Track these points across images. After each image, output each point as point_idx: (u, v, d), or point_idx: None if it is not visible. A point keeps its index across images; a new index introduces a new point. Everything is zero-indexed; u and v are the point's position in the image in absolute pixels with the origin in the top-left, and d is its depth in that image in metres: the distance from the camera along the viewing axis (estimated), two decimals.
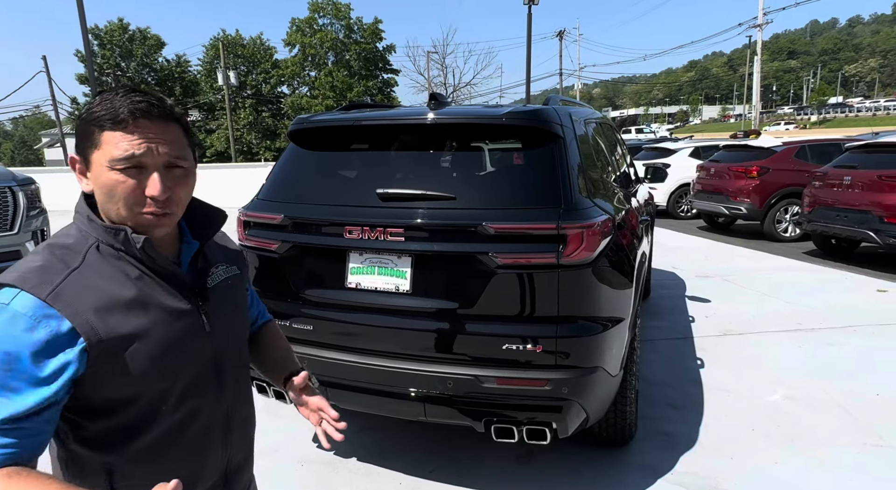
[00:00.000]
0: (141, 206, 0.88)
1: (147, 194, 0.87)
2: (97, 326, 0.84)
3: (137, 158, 0.86)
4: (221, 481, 1.06)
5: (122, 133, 0.85)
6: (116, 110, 0.85)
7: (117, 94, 0.87)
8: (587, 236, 2.13)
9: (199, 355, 0.98)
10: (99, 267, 0.88)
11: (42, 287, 0.82)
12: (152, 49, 38.28)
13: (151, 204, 0.88)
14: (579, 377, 2.14)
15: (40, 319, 0.80)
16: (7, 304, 0.80)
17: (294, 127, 2.64)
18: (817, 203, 7.17)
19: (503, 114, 2.30)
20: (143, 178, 0.87)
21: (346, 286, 2.35)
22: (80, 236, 0.90)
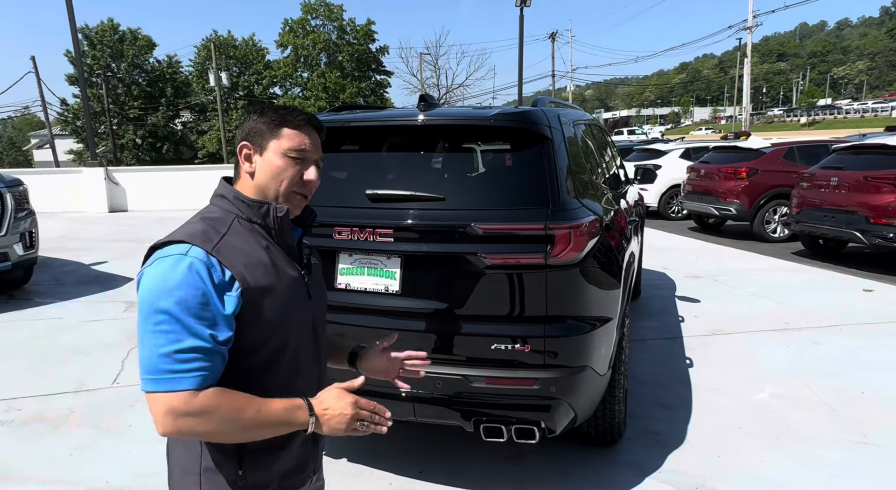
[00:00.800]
0: (298, 186, 1.16)
1: (305, 179, 1.16)
2: (247, 277, 1.05)
3: (305, 152, 1.15)
4: (312, 442, 1.24)
5: (298, 132, 1.14)
6: (295, 116, 1.15)
7: (290, 107, 1.17)
8: (575, 237, 2.15)
9: (306, 318, 1.19)
10: (240, 234, 1.10)
11: (207, 244, 1.04)
12: (143, 50, 38.01)
13: (305, 186, 1.17)
14: (567, 376, 2.16)
15: (213, 266, 1.02)
16: (185, 254, 1.01)
17: None
18: (805, 204, 7.25)
19: (492, 115, 2.32)
20: (304, 167, 1.16)
21: (335, 287, 2.35)
22: (223, 212, 1.14)
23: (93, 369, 3.94)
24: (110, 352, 4.26)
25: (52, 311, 5.37)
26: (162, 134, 37.61)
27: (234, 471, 1.10)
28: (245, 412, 1.00)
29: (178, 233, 1.07)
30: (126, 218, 12.11)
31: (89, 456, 2.86)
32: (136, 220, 11.62)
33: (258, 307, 1.06)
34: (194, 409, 0.97)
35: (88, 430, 3.13)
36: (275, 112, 1.15)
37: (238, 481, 1.10)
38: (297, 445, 1.17)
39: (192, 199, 12.93)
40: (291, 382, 1.14)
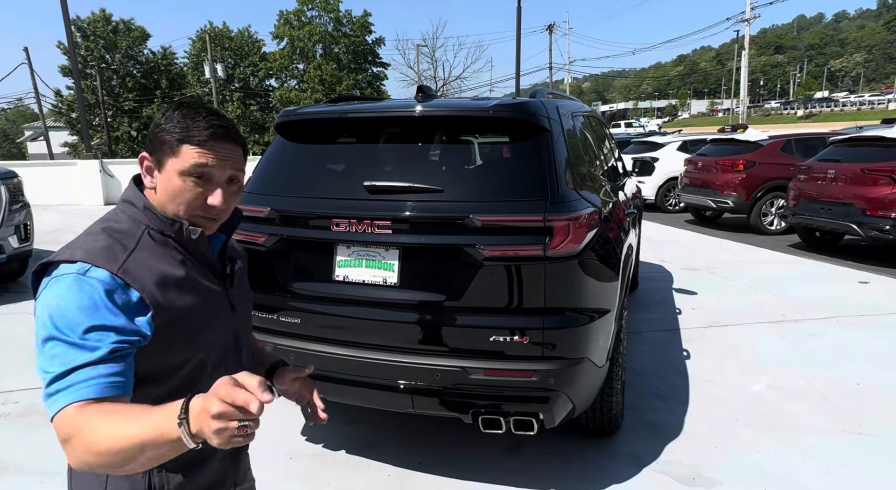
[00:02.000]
0: (200, 210, 1.03)
1: (209, 203, 1.02)
2: (159, 298, 0.96)
3: (208, 172, 1.00)
4: (231, 458, 1.17)
5: (199, 150, 0.99)
6: (199, 130, 0.99)
7: (199, 113, 1.00)
8: (573, 229, 2.14)
9: (227, 331, 1.12)
10: (151, 250, 1.00)
11: (111, 263, 0.93)
12: (137, 41, 37.66)
13: (209, 210, 1.03)
14: (566, 368, 2.16)
15: (116, 288, 0.91)
16: (84, 274, 0.91)
17: (280, 119, 2.62)
18: (802, 196, 7.26)
19: (490, 106, 2.30)
20: (208, 188, 1.02)
21: (333, 279, 2.34)
22: (131, 223, 1.02)
23: None
24: None
25: None
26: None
27: None
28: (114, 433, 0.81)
29: (77, 250, 0.94)
30: None
31: None
32: None
33: (173, 330, 0.97)
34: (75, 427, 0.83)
35: None
36: (179, 122, 0.99)
37: None
38: (216, 461, 1.10)
39: None
40: None
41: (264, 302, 2.48)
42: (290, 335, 2.44)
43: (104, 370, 0.87)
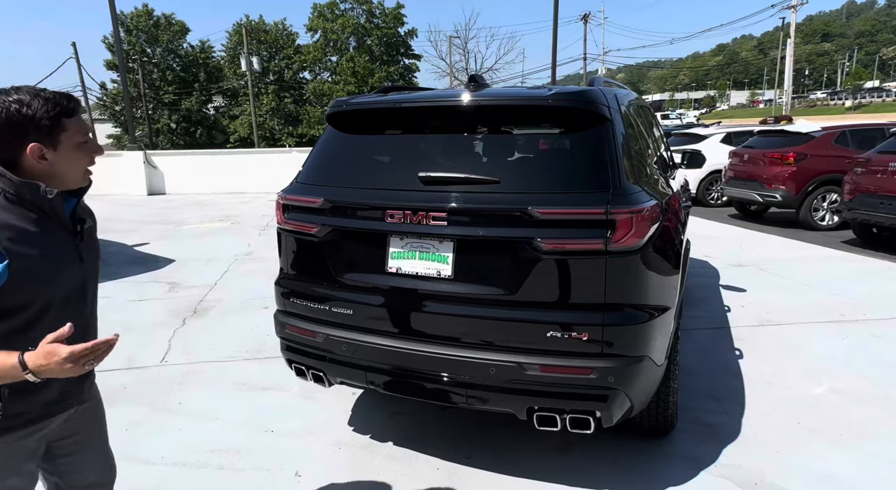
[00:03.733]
0: (89, 166, 1.38)
1: (95, 160, 1.38)
2: (13, 250, 1.20)
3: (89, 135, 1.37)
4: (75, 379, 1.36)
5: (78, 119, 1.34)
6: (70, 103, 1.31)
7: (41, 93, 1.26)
8: (636, 222, 2.06)
9: (74, 278, 1.36)
10: (5, 209, 1.22)
11: None
12: (177, 35, 38.58)
13: (93, 164, 1.38)
14: (625, 366, 2.09)
15: None
16: None
17: (332, 110, 2.60)
18: (859, 190, 6.92)
19: (549, 95, 2.23)
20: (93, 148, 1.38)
21: (386, 271, 2.32)
22: None
23: (142, 347, 4.03)
24: (156, 331, 4.36)
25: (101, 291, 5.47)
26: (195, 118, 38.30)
27: None
28: None
29: None
30: (164, 201, 12.39)
31: (143, 431, 2.94)
32: (174, 203, 11.87)
33: (25, 276, 1.22)
34: None
35: (141, 406, 3.21)
36: (43, 105, 1.23)
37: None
38: (59, 382, 1.34)
39: (226, 182, 13.16)
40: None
41: (316, 292, 2.48)
42: (341, 326, 2.43)
43: None
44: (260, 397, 3.32)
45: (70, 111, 1.27)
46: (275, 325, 2.70)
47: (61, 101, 1.26)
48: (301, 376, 2.66)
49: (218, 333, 4.33)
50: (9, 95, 1.21)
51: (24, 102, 1.20)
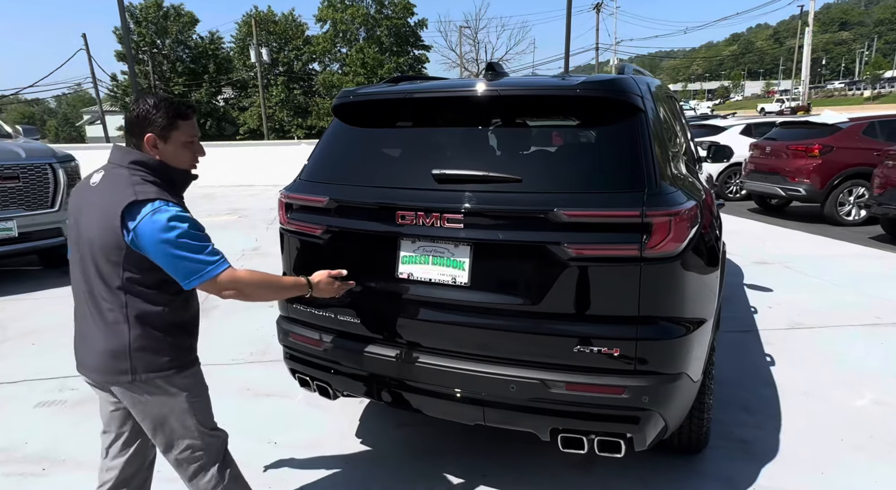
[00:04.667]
0: (194, 161, 1.76)
1: (199, 157, 1.77)
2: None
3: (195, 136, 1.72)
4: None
5: (189, 123, 1.69)
6: (184, 110, 1.67)
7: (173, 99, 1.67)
8: (675, 225, 1.85)
9: None
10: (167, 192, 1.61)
11: (169, 197, 1.57)
12: (186, 26, 38.44)
13: (196, 161, 1.77)
14: (661, 385, 1.88)
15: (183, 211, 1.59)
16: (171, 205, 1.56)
17: (338, 101, 2.41)
18: (890, 184, 6.61)
19: (577, 84, 2.01)
20: (195, 147, 1.74)
21: (396, 276, 2.13)
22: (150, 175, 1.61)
23: None
24: None
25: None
26: (205, 110, 38.21)
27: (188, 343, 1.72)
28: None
29: (149, 193, 1.54)
30: None
31: None
32: None
33: None
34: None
35: None
36: (169, 107, 1.61)
37: (191, 348, 1.74)
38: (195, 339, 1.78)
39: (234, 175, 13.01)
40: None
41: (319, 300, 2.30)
42: (348, 335, 2.25)
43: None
44: (264, 405, 3.16)
45: (184, 115, 1.63)
46: (277, 331, 2.53)
47: (180, 107, 1.62)
48: (305, 387, 2.49)
49: (221, 334, 4.18)
50: (148, 98, 1.60)
51: (152, 104, 1.59)
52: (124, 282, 1.55)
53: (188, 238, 1.52)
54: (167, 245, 1.49)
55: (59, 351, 3.89)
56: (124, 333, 1.57)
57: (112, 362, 1.59)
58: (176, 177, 1.66)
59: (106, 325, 1.59)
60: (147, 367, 1.59)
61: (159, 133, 1.59)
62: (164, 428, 1.67)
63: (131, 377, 1.59)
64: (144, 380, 1.60)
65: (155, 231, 1.48)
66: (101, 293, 1.57)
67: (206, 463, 1.74)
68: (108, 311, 1.58)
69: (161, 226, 1.49)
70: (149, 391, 1.62)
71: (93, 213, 1.56)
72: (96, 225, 1.54)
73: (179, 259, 1.51)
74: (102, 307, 1.58)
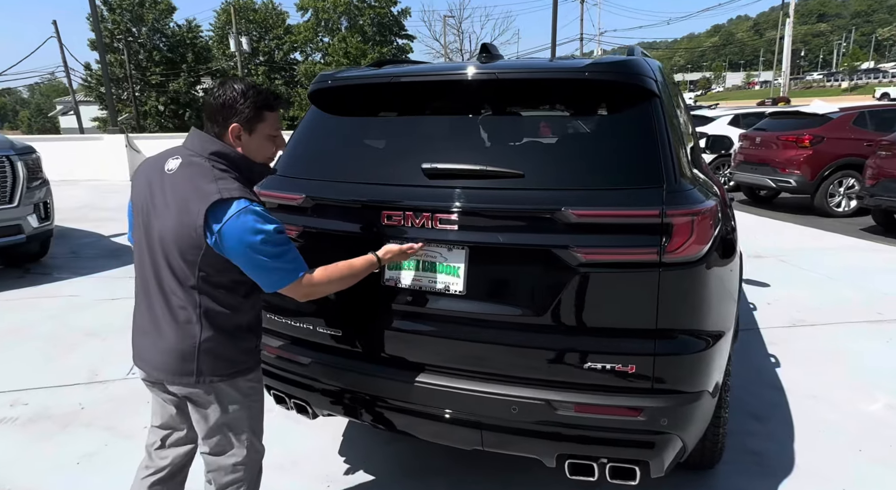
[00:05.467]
0: (273, 155, 1.66)
1: (278, 151, 1.70)
2: None
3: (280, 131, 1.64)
4: None
5: (276, 115, 1.58)
6: (274, 101, 1.56)
7: (261, 87, 1.55)
8: (697, 226, 1.64)
9: None
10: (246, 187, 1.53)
11: (254, 197, 1.49)
12: (163, 14, 37.28)
13: (275, 154, 1.68)
14: (682, 405, 1.68)
15: (268, 212, 1.49)
16: (256, 205, 1.46)
17: (315, 86, 2.14)
18: (882, 175, 6.52)
19: (584, 66, 1.78)
20: (277, 141, 1.64)
21: (381, 283, 1.89)
22: (230, 169, 1.51)
23: (107, 357, 3.60)
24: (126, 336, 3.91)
25: (69, 288, 5.08)
26: (184, 101, 37.24)
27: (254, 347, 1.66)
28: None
29: (233, 191, 1.43)
30: None
31: (99, 464, 2.52)
32: None
33: None
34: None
35: (100, 431, 2.79)
36: (258, 96, 1.50)
37: (256, 353, 1.66)
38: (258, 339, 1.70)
39: None
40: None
41: (298, 308, 2.05)
42: (327, 349, 2.02)
43: None
44: None
45: (271, 107, 1.53)
46: None
47: (268, 98, 1.51)
48: (281, 404, 2.25)
49: None
50: (234, 84, 1.49)
51: (240, 92, 1.48)
52: (199, 281, 1.47)
53: (273, 243, 1.43)
54: (252, 250, 1.41)
55: (11, 362, 3.58)
56: (195, 334, 1.49)
57: (178, 363, 1.51)
58: (255, 171, 1.57)
59: (177, 323, 1.49)
60: (213, 370, 1.52)
61: (245, 124, 1.49)
62: (219, 433, 1.60)
63: (196, 379, 1.51)
64: (208, 382, 1.52)
65: (241, 234, 1.40)
66: (174, 289, 1.49)
67: (243, 481, 1.65)
68: (180, 309, 1.49)
69: (248, 228, 1.40)
70: (211, 394, 1.55)
71: (169, 204, 1.46)
72: (173, 219, 1.44)
73: (264, 263, 1.44)
74: (174, 304, 1.49)
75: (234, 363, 1.56)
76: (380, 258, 1.69)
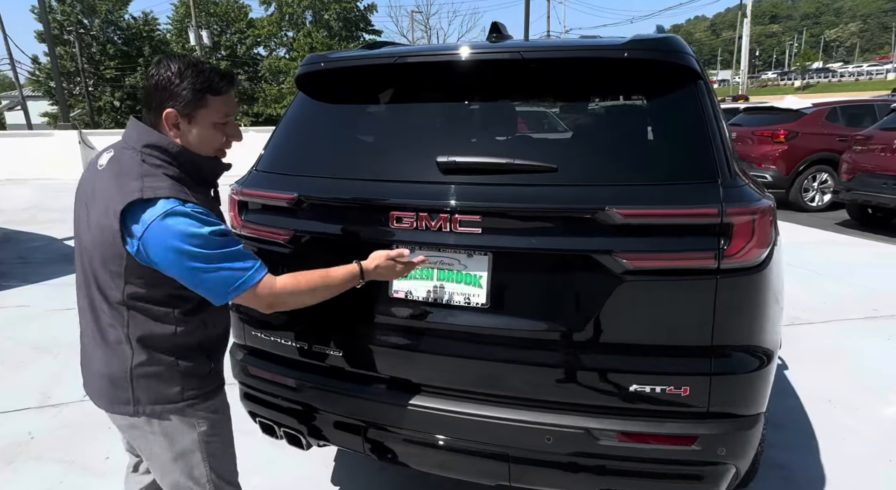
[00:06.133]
0: (225, 146, 1.37)
1: (232, 141, 1.38)
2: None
3: (230, 117, 1.34)
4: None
5: (223, 99, 1.30)
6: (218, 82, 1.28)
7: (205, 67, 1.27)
8: (758, 225, 1.44)
9: None
10: (186, 182, 1.27)
11: (188, 196, 1.23)
12: (117, 5, 35.70)
13: (229, 146, 1.39)
14: (741, 431, 1.48)
15: (205, 212, 1.24)
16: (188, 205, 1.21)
17: (305, 69, 1.86)
18: (858, 170, 6.58)
19: (624, 44, 1.56)
20: (228, 129, 1.35)
21: (390, 296, 1.64)
22: (167, 164, 1.25)
23: (60, 375, 3.22)
24: None
25: (16, 298, 4.61)
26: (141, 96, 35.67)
27: (207, 368, 1.39)
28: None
29: (159, 190, 1.19)
30: None
31: None
32: None
33: None
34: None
35: (51, 464, 2.44)
36: (198, 77, 1.23)
37: (211, 376, 1.40)
38: (221, 355, 1.46)
39: None
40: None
41: (290, 323, 1.78)
42: (327, 372, 1.75)
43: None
44: None
45: (215, 90, 1.27)
46: (231, 364, 1.98)
47: (211, 79, 1.26)
48: (269, 434, 1.96)
49: None
50: (171, 62, 1.24)
51: (175, 71, 1.23)
52: (126, 297, 1.25)
53: (211, 247, 1.20)
54: (184, 258, 1.18)
55: None
56: (127, 356, 1.29)
57: (111, 389, 1.31)
58: (202, 166, 1.31)
59: (107, 344, 1.30)
60: (152, 399, 1.31)
61: (182, 109, 1.25)
62: (172, 474, 1.37)
63: (133, 408, 1.31)
64: (149, 412, 1.31)
65: (168, 240, 1.17)
66: (102, 307, 1.29)
67: None
68: (109, 327, 1.29)
69: (176, 233, 1.17)
70: (155, 427, 1.33)
71: (95, 205, 1.24)
72: (95, 224, 1.23)
73: (202, 273, 1.20)
74: (103, 323, 1.30)
75: (182, 391, 1.33)
76: (364, 270, 1.43)
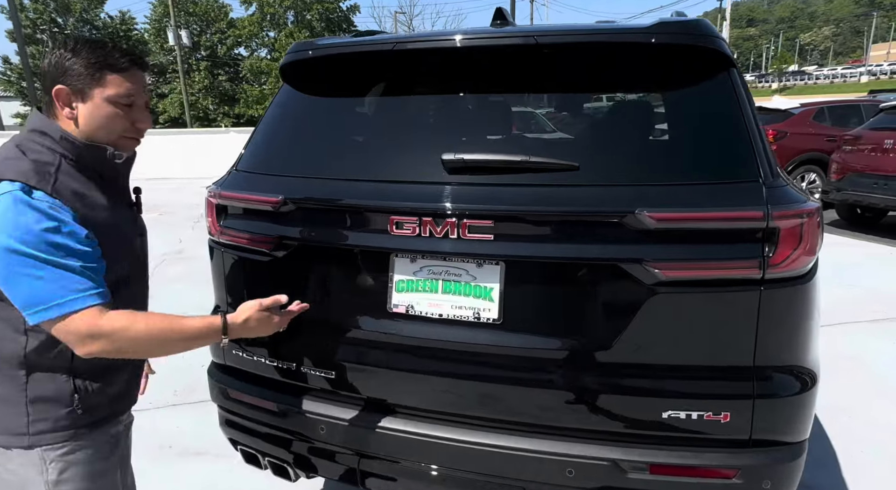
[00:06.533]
0: (130, 132, 1.17)
1: (139, 127, 1.18)
2: (89, 217, 1.09)
3: (133, 98, 1.14)
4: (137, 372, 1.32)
5: (123, 76, 1.12)
6: (120, 58, 1.11)
7: (107, 44, 1.13)
8: (806, 230, 1.28)
9: (139, 252, 1.28)
10: (70, 175, 1.10)
11: (44, 184, 1.04)
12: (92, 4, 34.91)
13: (138, 133, 1.19)
14: (788, 461, 1.32)
15: (58, 207, 1.04)
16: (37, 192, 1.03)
17: (291, 58, 1.66)
18: (848, 170, 6.55)
19: (651, 28, 1.39)
20: (135, 113, 1.16)
21: (389, 310, 1.45)
22: (48, 151, 1.09)
23: None
24: None
25: None
26: None
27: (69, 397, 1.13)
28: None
29: (8, 170, 1.04)
30: None
31: None
32: None
33: (103, 245, 1.10)
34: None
35: None
36: (93, 52, 1.10)
37: (76, 409, 1.13)
38: (127, 371, 1.24)
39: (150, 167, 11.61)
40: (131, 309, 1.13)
41: (275, 344, 1.58)
42: (318, 396, 1.56)
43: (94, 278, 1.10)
44: (192, 468, 2.39)
45: (115, 66, 1.11)
46: (210, 387, 1.78)
47: (111, 54, 1.11)
48: (252, 463, 1.76)
49: None
50: (69, 40, 1.14)
51: (70, 47, 1.11)
52: None
53: (38, 247, 0.99)
54: (6, 253, 0.99)
55: None
56: None
57: None
58: (83, 155, 1.11)
59: None
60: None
61: (74, 85, 1.09)
62: None
63: None
64: None
65: None
66: None
67: None
68: None
69: (1, 219, 0.99)
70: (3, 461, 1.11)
71: None
72: None
73: (19, 277, 1.00)
74: None
75: (28, 423, 1.09)
76: (228, 325, 1.18)
